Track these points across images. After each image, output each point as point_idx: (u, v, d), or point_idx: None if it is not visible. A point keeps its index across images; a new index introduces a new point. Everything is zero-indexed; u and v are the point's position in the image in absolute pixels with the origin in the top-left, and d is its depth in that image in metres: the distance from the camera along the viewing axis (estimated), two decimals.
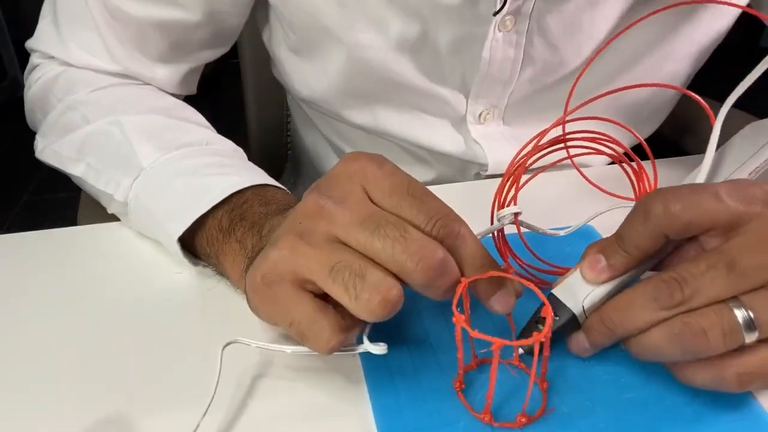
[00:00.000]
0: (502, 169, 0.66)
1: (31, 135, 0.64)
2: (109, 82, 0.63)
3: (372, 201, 0.38)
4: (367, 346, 0.38)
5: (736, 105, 0.45)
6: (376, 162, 0.39)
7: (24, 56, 0.68)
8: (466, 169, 0.72)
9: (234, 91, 0.95)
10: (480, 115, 0.67)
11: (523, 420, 0.38)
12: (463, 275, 0.37)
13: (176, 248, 0.48)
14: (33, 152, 0.61)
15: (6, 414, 0.39)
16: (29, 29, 0.67)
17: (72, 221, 0.62)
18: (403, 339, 0.43)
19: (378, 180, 0.38)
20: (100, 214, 0.58)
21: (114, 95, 0.61)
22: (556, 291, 0.41)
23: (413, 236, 0.36)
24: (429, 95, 0.66)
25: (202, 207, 0.47)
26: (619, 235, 0.39)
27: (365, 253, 0.36)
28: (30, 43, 0.67)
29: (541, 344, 0.37)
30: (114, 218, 0.56)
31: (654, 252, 0.39)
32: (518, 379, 0.41)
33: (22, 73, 0.69)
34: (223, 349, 0.40)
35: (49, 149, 0.59)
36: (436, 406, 0.38)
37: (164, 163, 0.51)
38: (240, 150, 0.56)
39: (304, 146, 0.86)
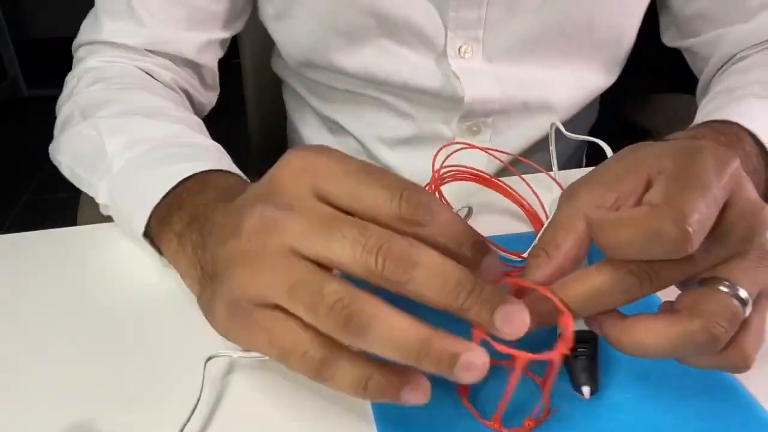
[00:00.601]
0: (479, 105, 0.71)
1: (32, 135, 0.64)
2: (122, 81, 0.64)
3: (326, 196, 0.35)
4: None
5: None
6: (323, 152, 0.36)
7: (24, 56, 0.69)
8: (449, 119, 0.74)
9: (235, 91, 0.96)
10: (460, 49, 0.69)
11: (531, 424, 0.38)
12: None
13: (148, 246, 0.49)
14: (33, 152, 0.62)
15: (6, 413, 0.39)
16: (29, 29, 0.67)
17: (72, 221, 0.62)
18: None
19: (330, 169, 0.35)
20: (100, 214, 0.57)
21: (112, 94, 0.62)
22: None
23: (372, 231, 0.33)
24: (408, 27, 0.68)
25: (146, 205, 0.47)
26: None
27: (324, 261, 0.33)
28: (74, 44, 0.72)
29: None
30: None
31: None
32: (521, 383, 0.40)
33: (22, 73, 0.70)
34: (205, 363, 0.40)
35: (51, 145, 0.62)
36: (437, 410, 0.38)
37: (129, 160, 0.52)
38: (211, 143, 0.56)
39: (300, 138, 0.88)
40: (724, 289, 0.34)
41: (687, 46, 0.77)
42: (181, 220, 0.44)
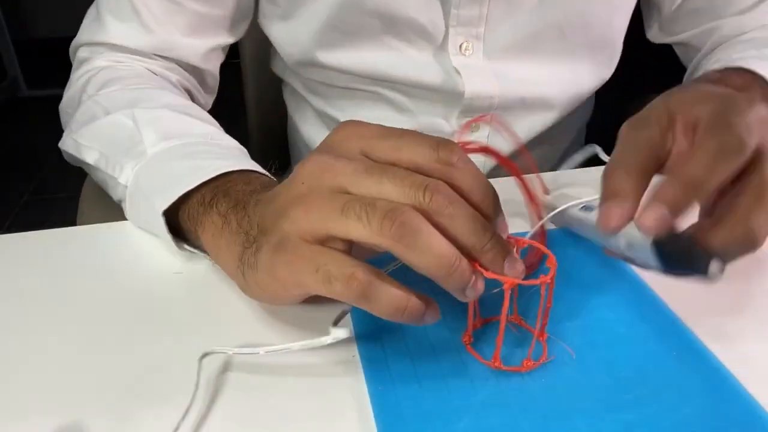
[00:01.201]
0: (478, 102, 0.72)
1: (32, 135, 0.64)
2: (138, 82, 0.66)
3: (371, 153, 0.39)
4: (333, 334, 0.39)
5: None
6: (368, 123, 0.41)
7: (24, 56, 0.69)
8: (449, 114, 0.75)
9: (234, 91, 0.96)
10: (461, 46, 0.70)
11: (530, 364, 0.40)
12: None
13: (161, 223, 0.49)
14: (33, 152, 0.62)
15: (7, 411, 0.39)
16: (29, 29, 0.68)
17: (72, 222, 0.62)
18: (406, 345, 0.43)
19: (373, 131, 0.40)
20: (99, 214, 0.58)
21: (136, 93, 0.64)
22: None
23: (417, 174, 0.37)
24: (411, 25, 0.69)
25: (189, 183, 0.48)
26: (682, 175, 0.38)
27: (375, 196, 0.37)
28: (73, 43, 0.73)
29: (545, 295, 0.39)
30: (113, 218, 0.56)
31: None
32: (520, 336, 0.43)
33: (22, 73, 0.71)
34: (200, 360, 0.40)
35: (70, 138, 0.62)
36: (436, 404, 0.39)
37: (164, 149, 0.53)
38: (242, 148, 0.58)
39: (300, 137, 0.88)
40: None
41: (677, 40, 0.79)
42: (227, 203, 0.46)
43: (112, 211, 0.58)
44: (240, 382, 0.41)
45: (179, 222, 0.50)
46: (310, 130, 0.85)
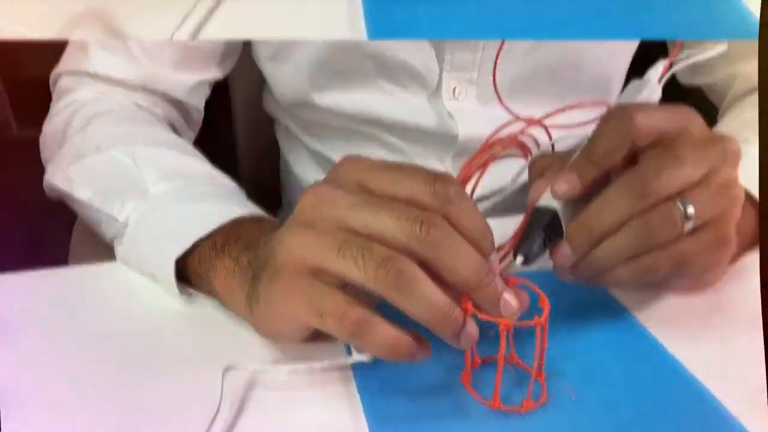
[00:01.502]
0: (472, 145, 0.71)
1: (22, 175, 0.64)
2: (126, 116, 0.65)
3: (369, 186, 0.39)
4: (355, 356, 0.39)
5: None
6: (366, 157, 0.41)
7: (15, 96, 0.69)
8: (443, 156, 0.75)
9: (225, 133, 0.96)
10: (454, 90, 0.70)
11: (529, 405, 0.40)
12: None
13: (170, 271, 0.48)
14: (23, 192, 0.61)
15: None
16: (20, 68, 0.68)
17: (64, 261, 0.61)
18: (404, 384, 0.42)
19: (372, 165, 0.40)
20: (91, 254, 0.57)
21: (128, 128, 0.63)
22: (538, 204, 0.45)
23: (414, 208, 0.37)
24: (405, 68, 0.69)
25: (203, 229, 0.48)
26: (588, 151, 0.45)
27: (373, 232, 0.37)
28: (55, 71, 0.71)
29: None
30: (105, 256, 0.55)
31: (618, 161, 0.44)
32: (515, 375, 0.43)
33: (13, 112, 0.71)
34: (223, 374, 0.40)
35: (61, 173, 0.61)
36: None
37: (168, 190, 0.53)
38: (240, 188, 0.58)
39: (294, 177, 0.88)
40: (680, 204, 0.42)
41: (703, 84, 0.79)
42: (238, 247, 0.46)
43: (104, 249, 0.57)
44: (260, 397, 0.41)
45: (187, 266, 0.50)
46: (306, 171, 0.85)
